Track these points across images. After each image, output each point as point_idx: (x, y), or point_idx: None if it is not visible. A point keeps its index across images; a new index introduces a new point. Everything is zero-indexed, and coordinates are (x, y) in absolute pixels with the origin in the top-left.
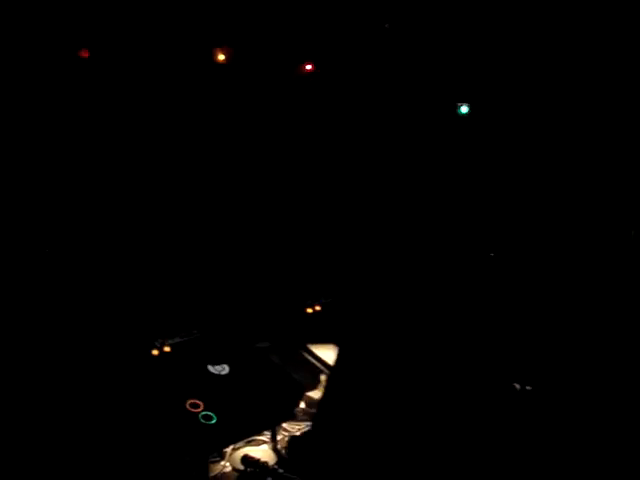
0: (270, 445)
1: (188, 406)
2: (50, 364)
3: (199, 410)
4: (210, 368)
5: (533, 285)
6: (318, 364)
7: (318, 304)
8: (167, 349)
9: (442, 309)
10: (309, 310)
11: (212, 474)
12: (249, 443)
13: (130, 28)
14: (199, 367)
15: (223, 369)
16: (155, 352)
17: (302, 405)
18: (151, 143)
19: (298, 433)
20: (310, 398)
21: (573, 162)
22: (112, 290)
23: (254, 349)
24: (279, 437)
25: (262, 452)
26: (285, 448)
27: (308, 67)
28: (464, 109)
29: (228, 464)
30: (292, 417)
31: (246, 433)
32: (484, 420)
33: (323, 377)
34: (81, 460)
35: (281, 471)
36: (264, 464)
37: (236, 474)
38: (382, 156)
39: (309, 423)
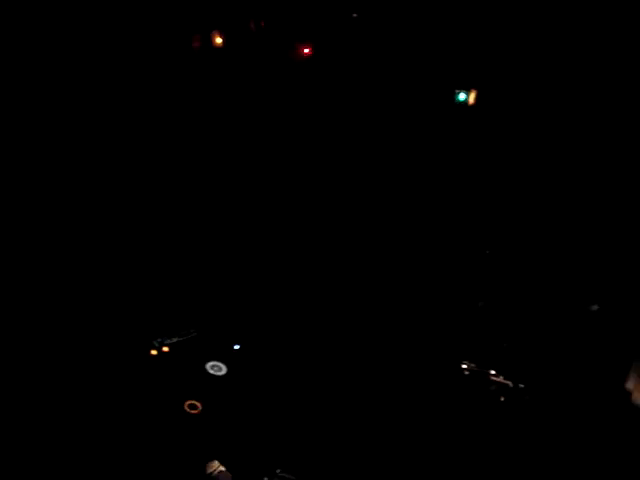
0: None
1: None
2: (49, 364)
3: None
4: (208, 368)
5: (526, 281)
6: None
7: None
8: (166, 349)
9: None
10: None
11: (208, 472)
12: None
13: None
14: (197, 367)
15: (220, 369)
16: (154, 352)
17: None
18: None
19: None
20: None
21: (570, 160)
22: (110, 290)
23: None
24: None
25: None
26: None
27: (306, 50)
28: (462, 96)
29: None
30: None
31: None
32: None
33: None
34: (78, 458)
35: (278, 471)
36: None
37: (231, 474)
38: (379, 152)
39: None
